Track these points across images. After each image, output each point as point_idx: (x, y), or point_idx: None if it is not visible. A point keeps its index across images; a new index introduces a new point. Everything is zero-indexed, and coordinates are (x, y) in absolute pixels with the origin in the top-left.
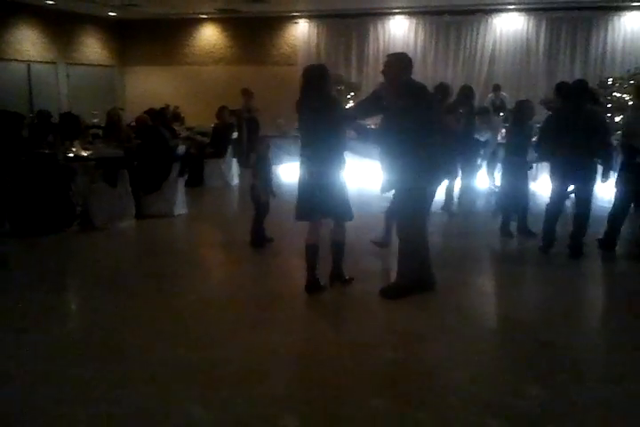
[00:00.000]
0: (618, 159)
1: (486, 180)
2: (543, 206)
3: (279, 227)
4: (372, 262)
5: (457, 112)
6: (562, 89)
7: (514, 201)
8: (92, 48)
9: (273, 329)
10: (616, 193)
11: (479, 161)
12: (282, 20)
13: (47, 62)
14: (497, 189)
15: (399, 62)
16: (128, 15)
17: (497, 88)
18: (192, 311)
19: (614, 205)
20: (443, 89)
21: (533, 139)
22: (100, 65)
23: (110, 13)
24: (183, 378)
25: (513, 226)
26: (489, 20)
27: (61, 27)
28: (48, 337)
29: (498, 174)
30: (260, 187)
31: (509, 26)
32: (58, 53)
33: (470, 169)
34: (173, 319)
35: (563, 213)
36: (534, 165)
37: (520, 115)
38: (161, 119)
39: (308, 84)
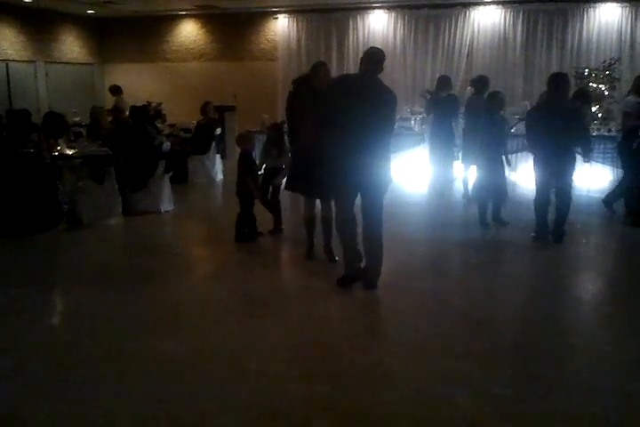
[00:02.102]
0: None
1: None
2: (522, 196)
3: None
4: None
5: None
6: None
7: (489, 192)
8: (71, 46)
9: (264, 321)
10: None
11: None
12: (261, 15)
13: (26, 61)
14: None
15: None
16: (106, 13)
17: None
18: (180, 306)
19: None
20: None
21: (512, 130)
22: (80, 63)
23: (89, 11)
24: (175, 374)
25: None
26: (467, 13)
27: (40, 25)
28: (33, 335)
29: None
30: (252, 182)
31: (487, 19)
32: (36, 52)
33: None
34: (161, 314)
35: (550, 202)
36: (510, 155)
37: (490, 106)
38: (144, 116)
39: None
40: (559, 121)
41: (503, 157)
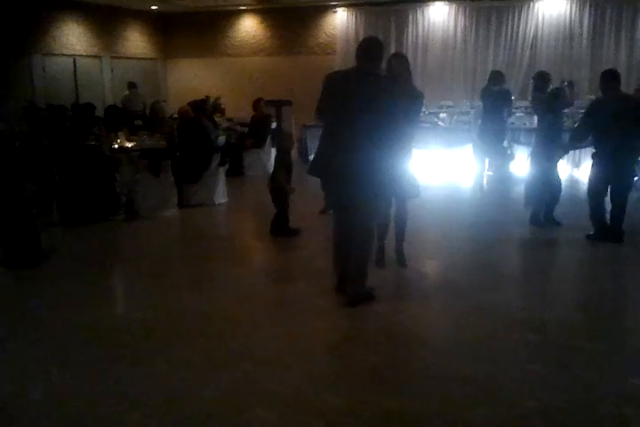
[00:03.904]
0: None
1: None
2: (578, 196)
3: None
4: None
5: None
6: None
7: (543, 190)
8: (135, 42)
9: (312, 316)
10: None
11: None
12: (320, 10)
13: (92, 56)
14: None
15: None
16: (170, 9)
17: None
18: (232, 298)
19: None
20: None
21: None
22: (143, 58)
23: (152, 7)
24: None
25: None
26: (531, 5)
27: (106, 21)
28: (94, 321)
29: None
30: (283, 178)
31: (552, 10)
32: (102, 47)
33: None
34: (215, 305)
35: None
36: (572, 152)
37: (557, 102)
38: (202, 111)
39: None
40: (625, 119)
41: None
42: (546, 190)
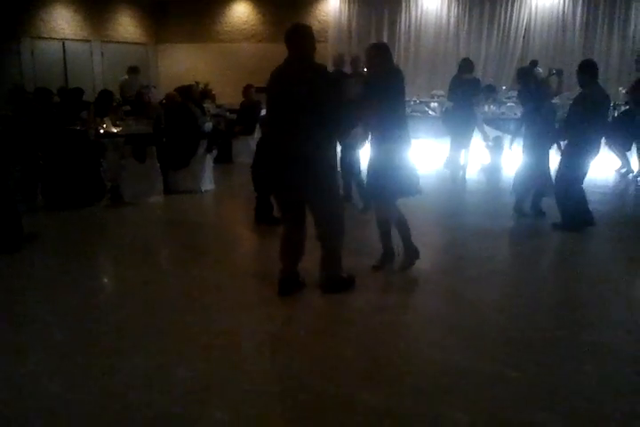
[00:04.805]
0: None
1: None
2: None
3: None
4: None
5: None
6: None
7: (532, 180)
8: (126, 26)
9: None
10: None
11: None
12: None
13: (82, 40)
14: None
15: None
16: None
17: (533, 64)
18: (216, 283)
19: None
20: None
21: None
22: (134, 43)
23: None
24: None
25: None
26: None
27: (95, 5)
28: (76, 305)
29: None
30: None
31: (545, 0)
32: (92, 31)
33: None
34: (200, 290)
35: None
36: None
37: (537, 95)
38: (189, 96)
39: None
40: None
41: (555, 146)
42: (533, 181)
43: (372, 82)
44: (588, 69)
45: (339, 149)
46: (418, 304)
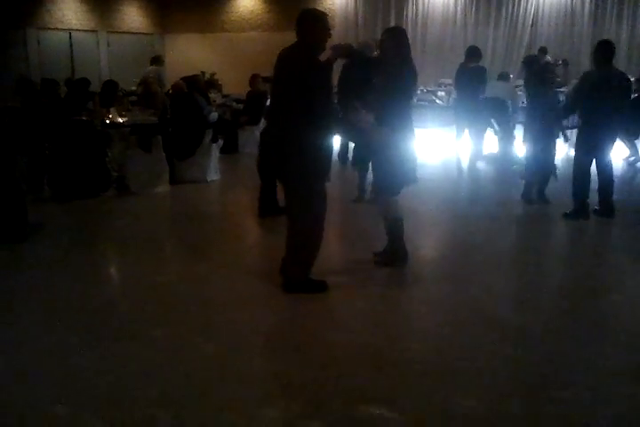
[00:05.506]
0: None
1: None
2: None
3: None
4: None
5: None
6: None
7: (537, 167)
8: (133, 16)
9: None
10: None
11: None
12: None
13: (88, 30)
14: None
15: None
16: None
17: (543, 51)
18: (219, 276)
19: None
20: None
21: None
22: (141, 33)
23: None
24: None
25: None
26: None
27: None
28: (79, 295)
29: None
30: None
31: None
32: (99, 22)
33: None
34: (200, 283)
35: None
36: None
37: (540, 80)
38: (195, 86)
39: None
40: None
41: (560, 133)
42: (539, 168)
43: (381, 67)
44: (596, 49)
45: (351, 146)
46: (423, 292)
